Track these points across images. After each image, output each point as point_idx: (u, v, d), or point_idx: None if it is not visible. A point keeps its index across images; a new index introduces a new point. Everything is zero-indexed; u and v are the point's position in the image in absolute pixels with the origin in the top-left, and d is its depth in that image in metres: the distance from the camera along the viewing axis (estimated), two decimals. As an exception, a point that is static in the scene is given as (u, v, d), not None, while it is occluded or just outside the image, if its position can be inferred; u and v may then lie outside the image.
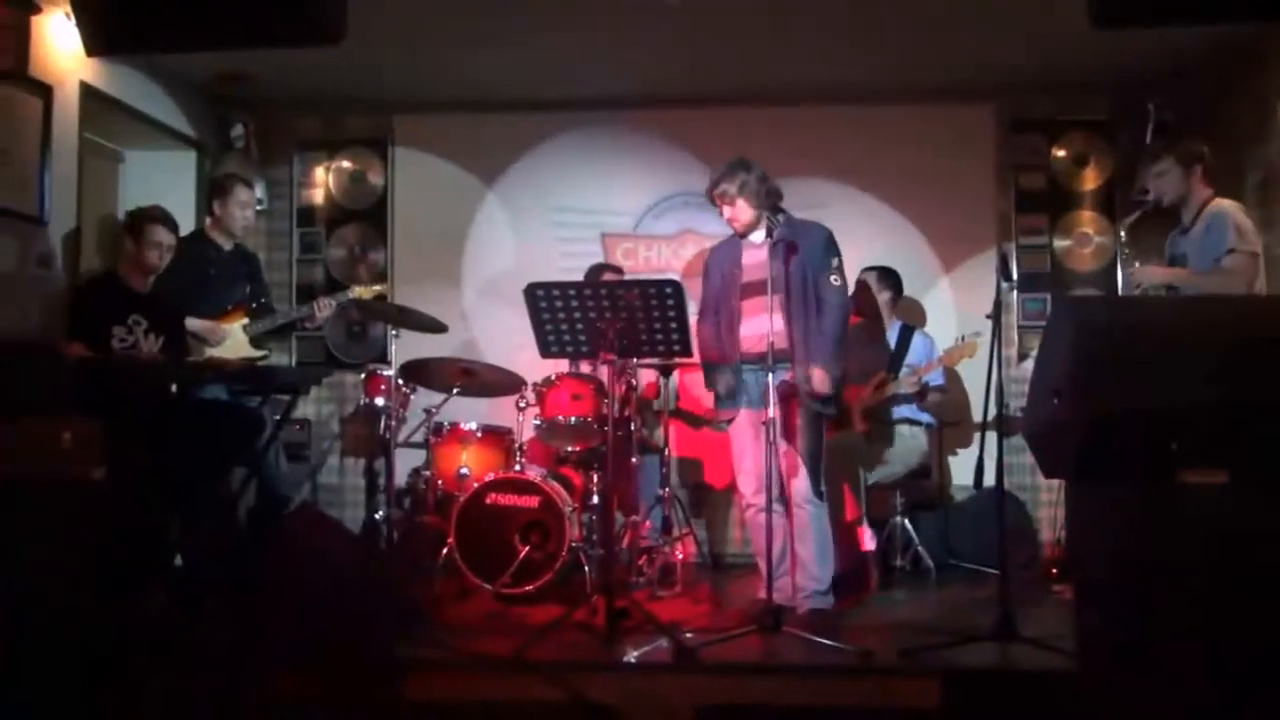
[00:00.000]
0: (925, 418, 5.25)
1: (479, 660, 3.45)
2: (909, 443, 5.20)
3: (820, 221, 4.19)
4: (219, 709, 3.14)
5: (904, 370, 5.17)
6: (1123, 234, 4.56)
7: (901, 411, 5.23)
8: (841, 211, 5.70)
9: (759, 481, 4.09)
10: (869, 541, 4.95)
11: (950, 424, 5.41)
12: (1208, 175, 4.25)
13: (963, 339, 4.96)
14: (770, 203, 4.11)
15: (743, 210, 4.08)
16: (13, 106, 4.29)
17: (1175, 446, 2.44)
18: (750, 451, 4.13)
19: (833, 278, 4.05)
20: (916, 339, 5.31)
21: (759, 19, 4.90)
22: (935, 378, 5.16)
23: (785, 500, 4.05)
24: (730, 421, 4.18)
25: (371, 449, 5.17)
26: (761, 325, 3.91)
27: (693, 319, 4.17)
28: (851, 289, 5.34)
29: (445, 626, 3.94)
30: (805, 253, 4.03)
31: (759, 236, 4.14)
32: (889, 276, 5.43)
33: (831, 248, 4.10)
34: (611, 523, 4.33)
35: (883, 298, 5.39)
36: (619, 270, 5.57)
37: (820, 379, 3.98)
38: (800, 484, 4.03)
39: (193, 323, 4.78)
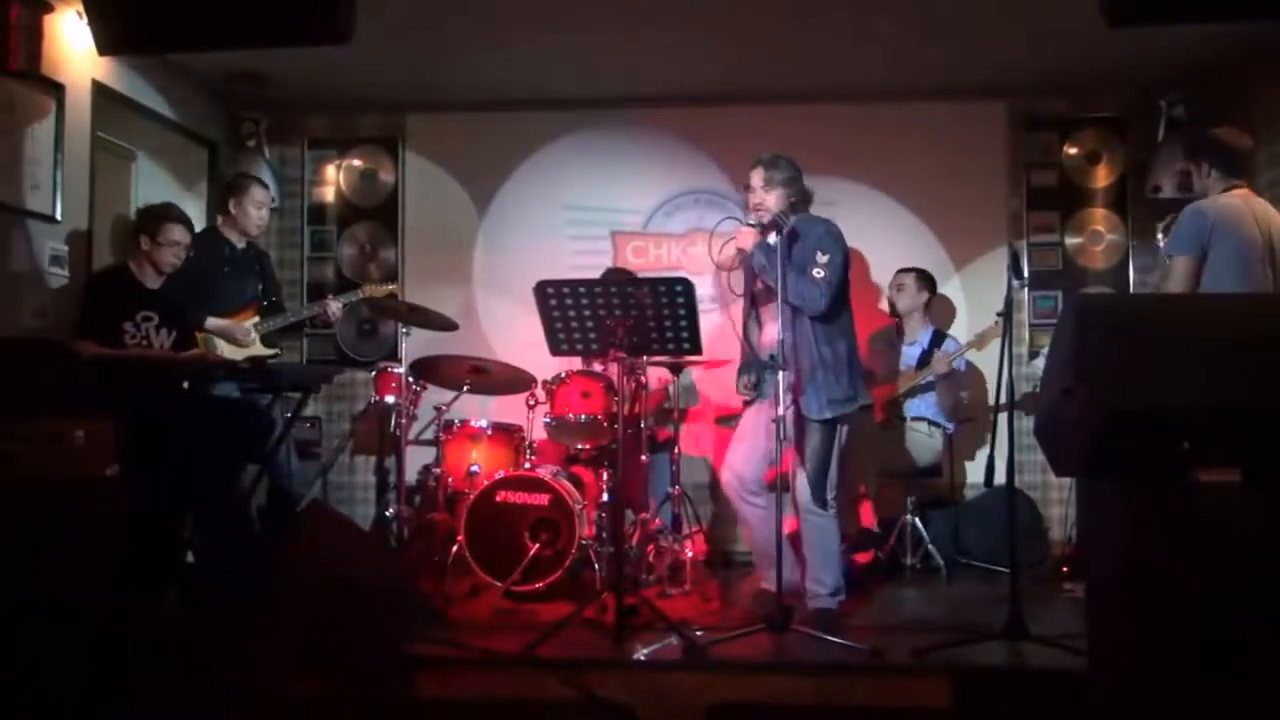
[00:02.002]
0: (948, 424, 5.26)
1: (489, 657, 3.46)
2: (924, 440, 5.22)
3: (832, 219, 4.15)
4: (230, 707, 3.15)
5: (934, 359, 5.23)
6: (1160, 237, 4.50)
7: (923, 410, 5.24)
8: (853, 209, 5.69)
9: (734, 473, 4.14)
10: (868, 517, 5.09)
11: (966, 420, 5.41)
12: (1217, 165, 4.09)
13: (995, 323, 4.90)
14: (796, 209, 4.09)
15: (775, 202, 4.02)
16: (25, 105, 4.31)
17: (1187, 445, 2.43)
18: (744, 441, 4.16)
19: (816, 270, 3.93)
20: (948, 342, 5.34)
21: (771, 17, 4.89)
22: (960, 363, 5.23)
23: (778, 497, 4.00)
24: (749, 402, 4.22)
25: (382, 446, 5.19)
26: (773, 329, 3.93)
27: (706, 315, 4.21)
28: (889, 289, 5.52)
29: (455, 624, 3.95)
30: (800, 247, 4.00)
31: (772, 240, 4.10)
32: (926, 278, 5.44)
33: (823, 241, 3.98)
34: (621, 520, 4.34)
35: (920, 299, 5.40)
36: (629, 275, 5.56)
37: (747, 234, 3.96)
38: (804, 492, 3.98)
39: (216, 323, 4.81)
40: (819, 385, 3.94)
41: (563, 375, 4.75)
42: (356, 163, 6.29)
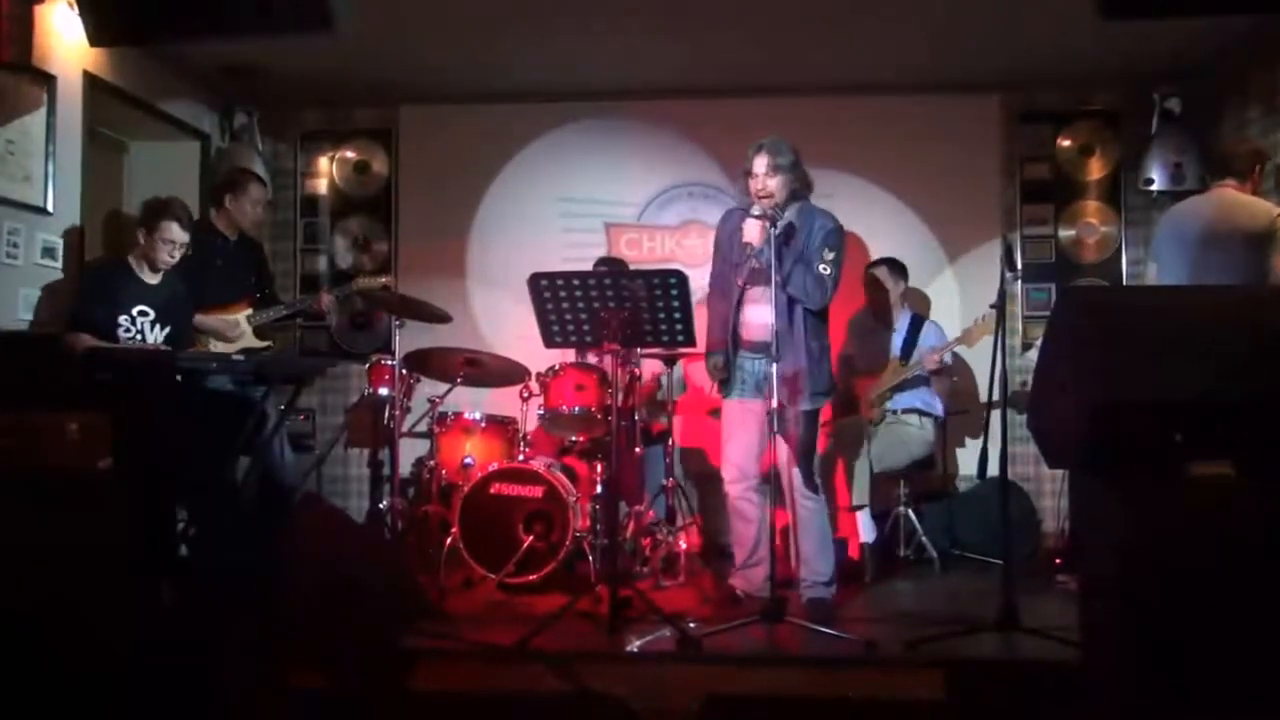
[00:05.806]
0: (936, 410, 5.23)
1: (483, 650, 3.46)
2: (916, 433, 5.19)
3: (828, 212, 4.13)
4: (225, 700, 3.15)
5: (916, 355, 5.17)
6: None
7: (912, 402, 5.23)
8: (847, 202, 5.65)
9: (739, 470, 4.10)
10: (867, 533, 4.92)
11: (959, 413, 5.41)
12: (1205, 168, 4.62)
13: (982, 319, 4.86)
14: (797, 196, 4.06)
15: (779, 189, 3.98)
16: (17, 96, 4.29)
17: (1180, 438, 2.44)
18: (737, 438, 4.13)
19: (822, 266, 3.94)
20: (927, 327, 5.31)
21: (765, 11, 4.88)
22: (948, 357, 5.18)
23: (772, 491, 4.00)
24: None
25: (376, 439, 5.18)
26: (763, 314, 3.90)
27: (698, 302, 4.13)
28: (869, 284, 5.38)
29: (449, 616, 3.95)
30: (803, 238, 3.98)
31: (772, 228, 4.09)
32: (898, 267, 5.43)
33: (829, 238, 3.99)
34: (615, 512, 4.34)
35: (897, 290, 5.38)
36: (622, 264, 5.56)
37: (755, 228, 3.91)
38: (796, 478, 4.00)
39: (205, 321, 4.79)
40: (807, 378, 3.98)
41: (556, 367, 4.75)
42: (350, 155, 6.28)
